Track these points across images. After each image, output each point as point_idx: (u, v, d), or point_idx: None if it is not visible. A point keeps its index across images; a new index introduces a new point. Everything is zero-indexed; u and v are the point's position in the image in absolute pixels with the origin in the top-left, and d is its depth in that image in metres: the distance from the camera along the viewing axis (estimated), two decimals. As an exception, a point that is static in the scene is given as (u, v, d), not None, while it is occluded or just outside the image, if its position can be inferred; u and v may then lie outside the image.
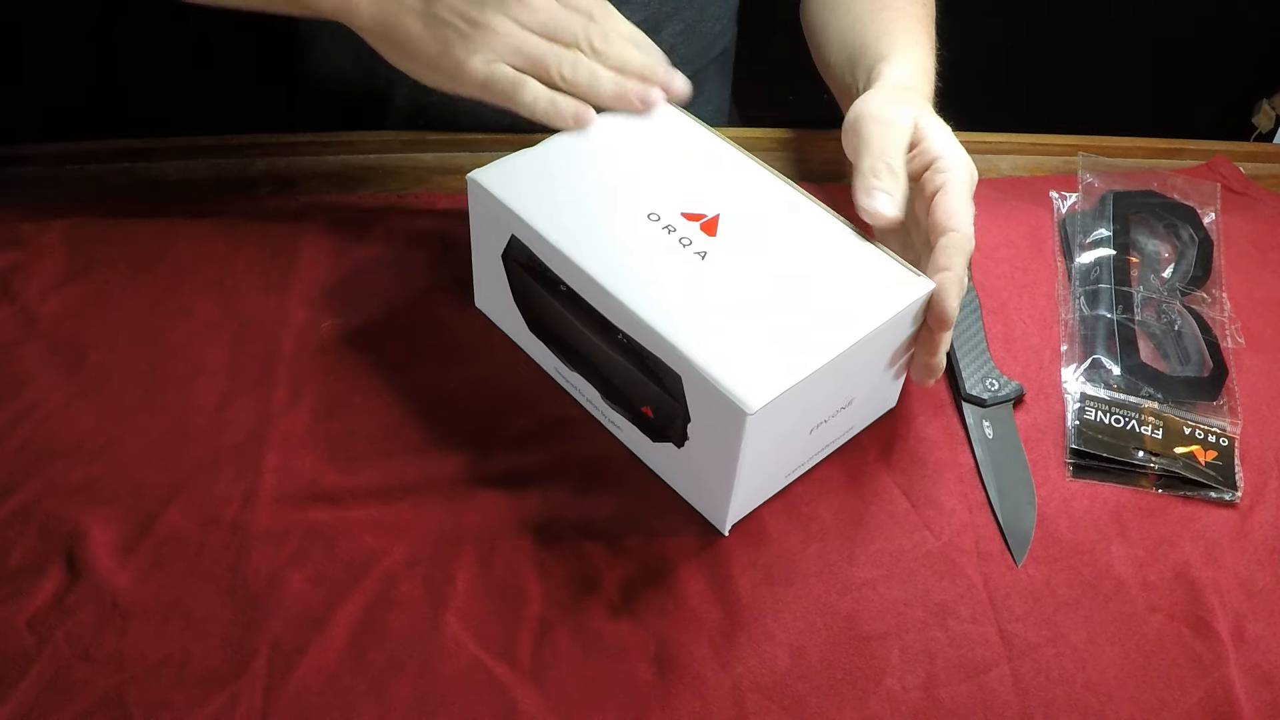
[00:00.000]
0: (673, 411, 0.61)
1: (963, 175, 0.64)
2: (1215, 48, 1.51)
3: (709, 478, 0.62)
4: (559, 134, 0.69)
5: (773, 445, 0.60)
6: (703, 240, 0.64)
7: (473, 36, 0.66)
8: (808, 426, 0.63)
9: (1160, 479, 0.68)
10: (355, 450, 0.66)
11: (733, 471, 0.59)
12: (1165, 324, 0.77)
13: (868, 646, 0.60)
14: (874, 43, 0.76)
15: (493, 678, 0.57)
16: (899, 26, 0.78)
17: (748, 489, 0.62)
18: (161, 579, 0.60)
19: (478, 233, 0.70)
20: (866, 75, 0.74)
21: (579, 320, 0.64)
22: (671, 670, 0.58)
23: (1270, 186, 0.92)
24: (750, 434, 0.57)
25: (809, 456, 0.66)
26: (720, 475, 0.60)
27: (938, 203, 0.63)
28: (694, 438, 0.61)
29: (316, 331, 0.72)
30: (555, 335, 0.68)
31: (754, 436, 0.57)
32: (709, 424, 0.59)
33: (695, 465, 0.62)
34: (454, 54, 0.67)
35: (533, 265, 0.66)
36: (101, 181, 0.83)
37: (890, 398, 0.70)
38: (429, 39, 0.67)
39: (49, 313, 0.72)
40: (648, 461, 0.66)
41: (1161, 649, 0.61)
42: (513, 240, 0.66)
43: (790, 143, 0.91)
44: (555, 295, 0.65)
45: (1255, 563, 0.65)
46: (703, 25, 0.94)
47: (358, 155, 0.86)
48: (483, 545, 0.62)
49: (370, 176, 0.85)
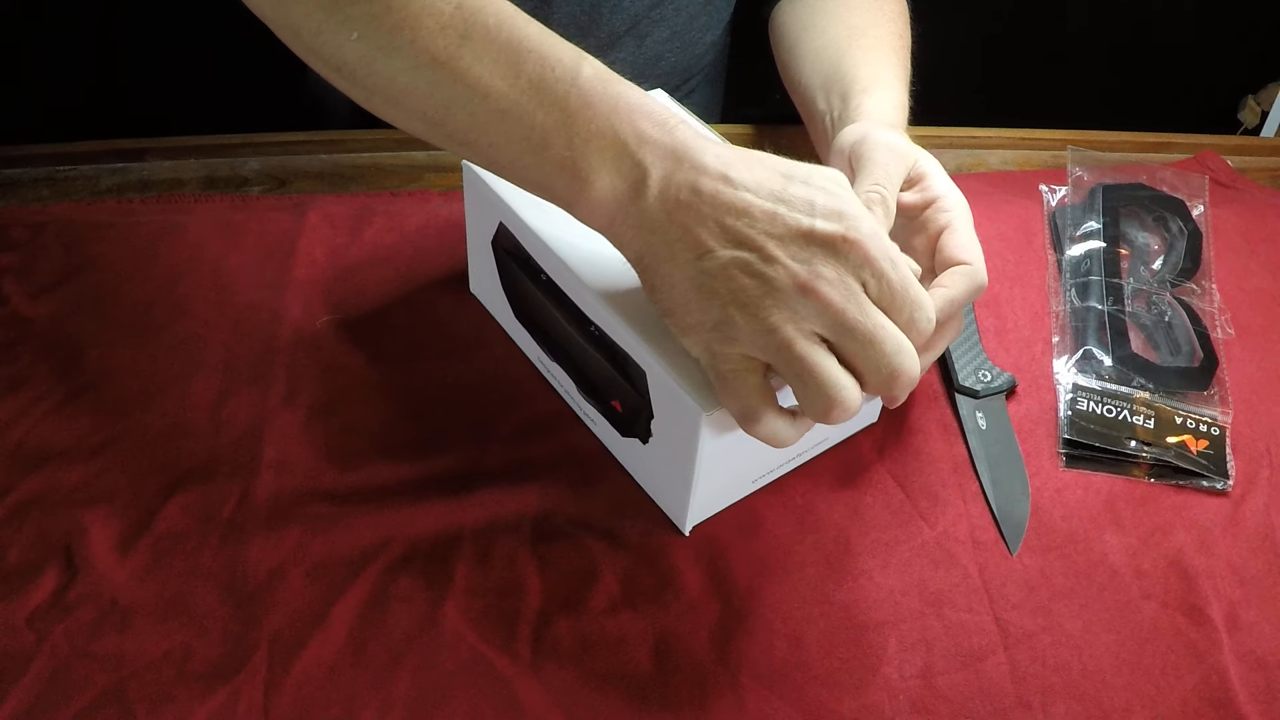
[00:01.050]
0: (638, 407, 0.61)
1: (966, 214, 0.63)
2: (1201, 45, 1.52)
3: (671, 476, 0.62)
4: None
5: (734, 448, 0.60)
6: None
7: (740, 326, 0.52)
8: None
9: (1152, 468, 0.69)
10: (353, 446, 0.66)
11: (691, 471, 0.59)
12: (1155, 315, 0.78)
13: (865, 636, 0.60)
14: (851, 71, 0.72)
15: (493, 671, 0.57)
16: (877, 58, 0.74)
17: (709, 490, 0.62)
18: (161, 576, 0.60)
19: (472, 219, 0.71)
20: (843, 104, 0.71)
21: (557, 310, 0.65)
22: (671, 661, 0.58)
23: (1257, 179, 0.93)
24: (707, 434, 0.57)
25: (778, 464, 0.66)
26: (680, 474, 0.60)
27: (947, 239, 0.61)
28: (657, 435, 0.61)
29: (312, 329, 0.72)
30: (537, 324, 0.69)
31: (711, 437, 0.58)
32: (670, 422, 0.59)
33: (659, 463, 0.63)
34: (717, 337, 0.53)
35: (517, 253, 0.66)
36: (95, 182, 0.83)
37: (870, 413, 0.69)
38: (695, 309, 0.53)
39: (44, 313, 0.72)
40: (618, 457, 0.67)
41: (1156, 636, 0.61)
42: (501, 227, 0.67)
43: (779, 139, 0.91)
44: (536, 284, 0.66)
45: (1247, 550, 0.66)
46: (691, 34, 0.94)
47: (350, 154, 0.86)
48: (481, 539, 0.62)
49: (363, 174, 0.85)
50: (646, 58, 0.91)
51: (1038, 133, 0.94)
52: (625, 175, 0.53)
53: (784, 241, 0.51)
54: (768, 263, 0.51)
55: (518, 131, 0.53)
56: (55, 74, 1.19)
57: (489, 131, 0.54)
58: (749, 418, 0.54)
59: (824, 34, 0.78)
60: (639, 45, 0.59)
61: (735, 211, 0.52)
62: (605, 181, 0.53)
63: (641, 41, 0.90)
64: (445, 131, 0.55)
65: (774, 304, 0.51)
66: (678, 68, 0.94)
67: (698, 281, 0.52)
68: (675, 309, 0.54)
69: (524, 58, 0.53)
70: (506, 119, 0.53)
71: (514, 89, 0.53)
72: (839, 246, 0.51)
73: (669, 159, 0.53)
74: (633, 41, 0.57)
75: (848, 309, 0.51)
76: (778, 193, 0.52)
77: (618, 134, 0.53)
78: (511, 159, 0.55)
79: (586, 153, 0.53)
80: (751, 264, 0.51)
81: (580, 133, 0.53)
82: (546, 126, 0.53)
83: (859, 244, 0.52)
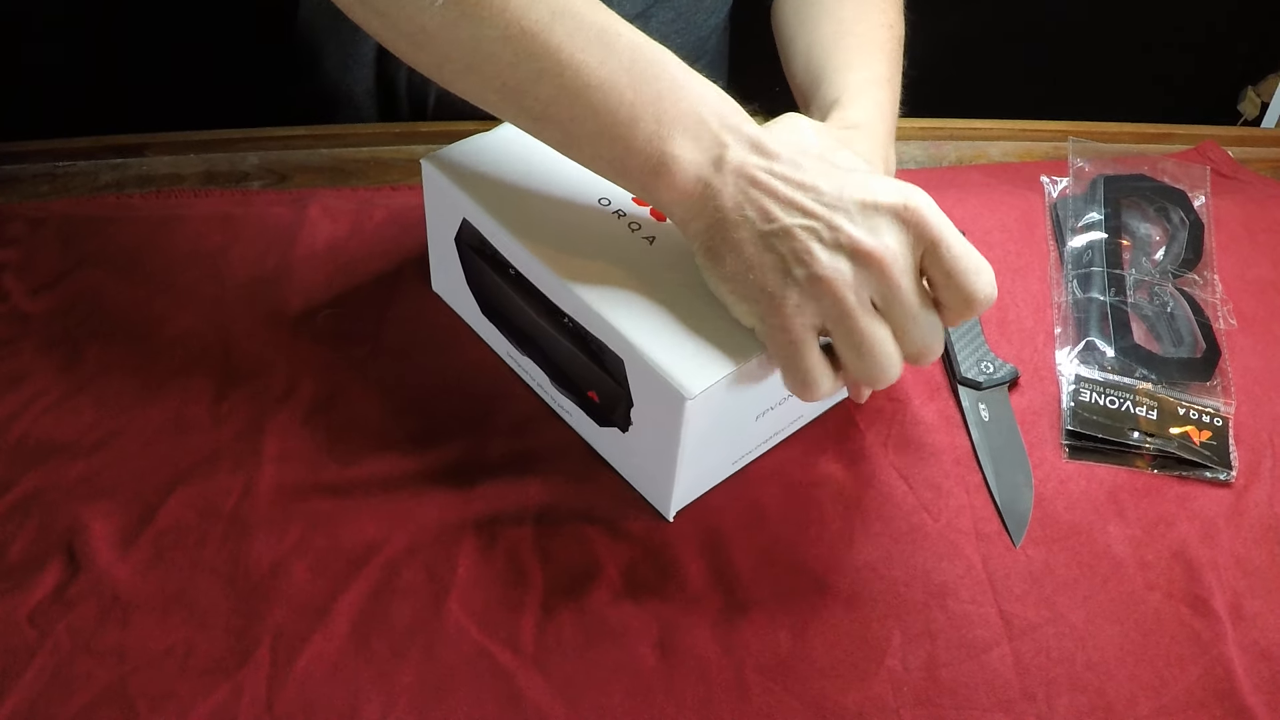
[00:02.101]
0: (616, 396, 0.61)
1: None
2: (1202, 35, 1.52)
3: (653, 463, 0.62)
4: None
5: (716, 431, 0.60)
6: (651, 226, 0.64)
7: (803, 287, 0.54)
8: (752, 414, 0.63)
9: (1156, 459, 0.69)
10: (354, 439, 0.66)
11: (674, 457, 0.59)
12: (1158, 306, 0.77)
13: (869, 628, 0.60)
14: (832, 75, 0.72)
15: (496, 664, 0.57)
16: (858, 60, 0.73)
17: (692, 475, 0.62)
18: (163, 570, 0.60)
19: (432, 217, 0.70)
20: (822, 109, 0.71)
21: (527, 304, 0.65)
22: (674, 654, 0.58)
23: (1258, 170, 0.93)
24: (690, 419, 0.57)
25: (757, 444, 0.66)
26: (663, 461, 0.60)
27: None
28: (637, 423, 0.61)
29: (313, 323, 0.72)
30: (506, 319, 0.69)
31: (694, 422, 0.57)
32: (651, 409, 0.59)
33: (640, 451, 0.62)
34: (778, 301, 0.55)
35: (483, 249, 0.66)
36: (94, 178, 0.83)
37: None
38: (758, 272, 0.55)
39: (44, 309, 0.72)
40: (596, 447, 0.66)
41: (1160, 627, 0.61)
42: (464, 224, 0.66)
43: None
44: (504, 279, 0.66)
45: (1251, 541, 0.65)
46: (697, 16, 0.94)
47: (350, 148, 0.86)
48: (484, 532, 0.62)
49: (363, 169, 0.85)
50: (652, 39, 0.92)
51: (1039, 124, 0.94)
52: (706, 151, 0.56)
53: (849, 213, 0.55)
54: (832, 229, 0.54)
55: (606, 106, 0.56)
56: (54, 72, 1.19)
57: (574, 106, 0.56)
58: (808, 385, 0.56)
59: (812, 31, 0.78)
60: (644, 26, 0.61)
61: (804, 188, 0.55)
62: (689, 158, 0.56)
63: (647, 23, 0.90)
64: (522, 104, 0.57)
65: (836, 272, 0.54)
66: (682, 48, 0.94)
67: (765, 243, 0.55)
68: (739, 273, 0.56)
69: (616, 40, 0.56)
70: (596, 94, 0.55)
71: (605, 67, 0.55)
72: (901, 216, 0.55)
73: (746, 142, 0.56)
74: (639, 24, 0.59)
75: (899, 289, 0.54)
76: (838, 171, 0.56)
77: (702, 116, 0.56)
78: (594, 133, 0.57)
79: (674, 131, 0.56)
80: (818, 230, 0.54)
81: (669, 111, 0.56)
82: (637, 104, 0.55)
83: (919, 214, 0.55)
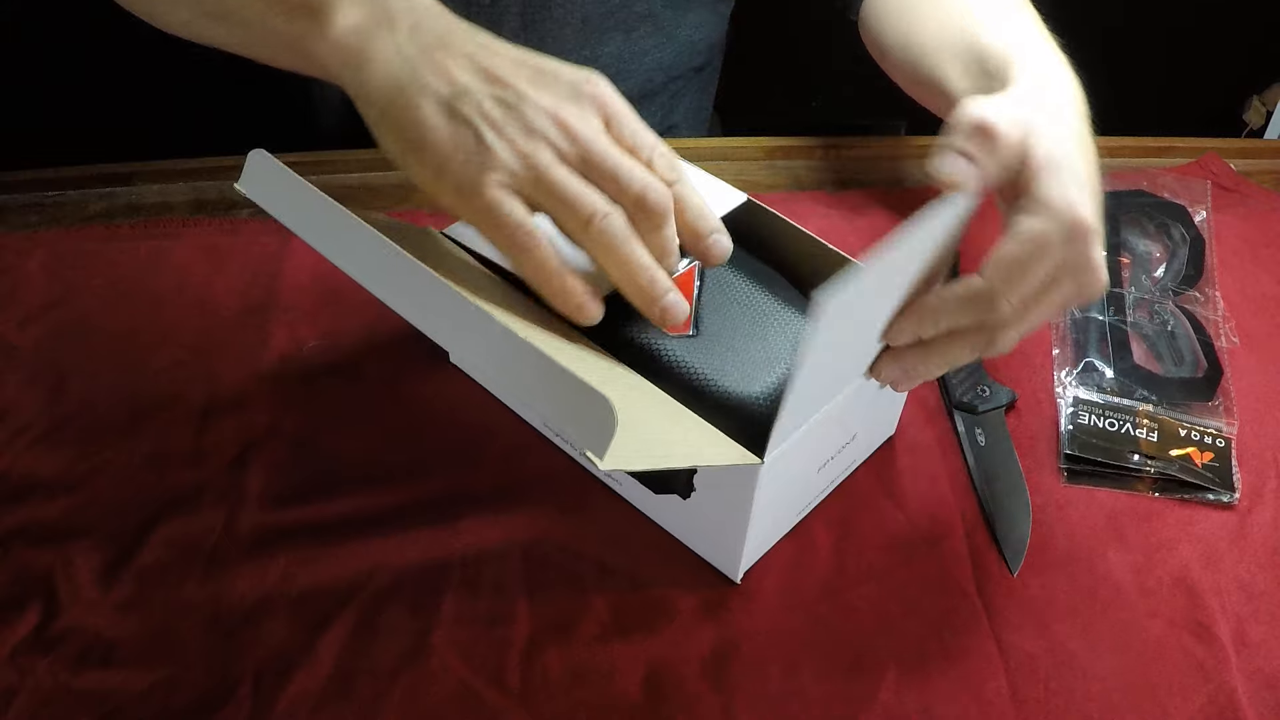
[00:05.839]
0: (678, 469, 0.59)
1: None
2: (1205, 44, 1.50)
3: (719, 528, 0.60)
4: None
5: (783, 490, 0.59)
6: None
7: (494, 147, 0.53)
8: (815, 466, 0.61)
9: (1156, 482, 0.68)
10: (338, 473, 0.65)
11: (745, 521, 0.57)
12: (1158, 325, 0.76)
13: (862, 662, 0.59)
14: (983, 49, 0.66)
15: (481, 701, 0.56)
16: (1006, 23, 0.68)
17: (759, 534, 0.61)
18: (144, 609, 0.59)
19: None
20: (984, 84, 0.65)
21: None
22: (662, 691, 0.57)
23: (1262, 183, 0.91)
24: (763, 484, 0.56)
25: (817, 494, 0.65)
26: (732, 525, 0.58)
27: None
28: (700, 489, 0.59)
29: (299, 354, 0.71)
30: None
31: (766, 486, 0.56)
32: (717, 474, 0.58)
33: (704, 516, 0.60)
34: (467, 163, 0.53)
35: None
36: (83, 207, 0.82)
37: (889, 425, 0.69)
38: (445, 136, 0.53)
39: (29, 341, 0.72)
40: (649, 514, 0.64)
41: (1162, 656, 0.60)
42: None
43: (776, 151, 0.90)
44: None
45: (1255, 565, 0.64)
46: (681, 32, 0.93)
47: (339, 174, 0.85)
48: (469, 568, 0.61)
49: (352, 195, 0.84)
50: (633, 51, 0.91)
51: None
52: (366, 6, 0.55)
53: (533, 81, 0.54)
54: (519, 97, 0.54)
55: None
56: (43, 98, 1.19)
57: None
58: (516, 245, 0.54)
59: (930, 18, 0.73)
60: (625, 41, 0.59)
61: (488, 52, 0.55)
62: (349, 15, 0.55)
63: (627, 36, 0.89)
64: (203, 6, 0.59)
65: (527, 130, 0.53)
66: (663, 64, 0.93)
67: (449, 110, 0.53)
68: (425, 144, 0.54)
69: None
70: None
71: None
72: (583, 89, 0.55)
73: (418, 6, 0.56)
74: (620, 36, 0.58)
75: (596, 140, 0.54)
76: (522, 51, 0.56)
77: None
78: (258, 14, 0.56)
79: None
80: (504, 96, 0.54)
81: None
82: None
83: (598, 88, 0.55)
